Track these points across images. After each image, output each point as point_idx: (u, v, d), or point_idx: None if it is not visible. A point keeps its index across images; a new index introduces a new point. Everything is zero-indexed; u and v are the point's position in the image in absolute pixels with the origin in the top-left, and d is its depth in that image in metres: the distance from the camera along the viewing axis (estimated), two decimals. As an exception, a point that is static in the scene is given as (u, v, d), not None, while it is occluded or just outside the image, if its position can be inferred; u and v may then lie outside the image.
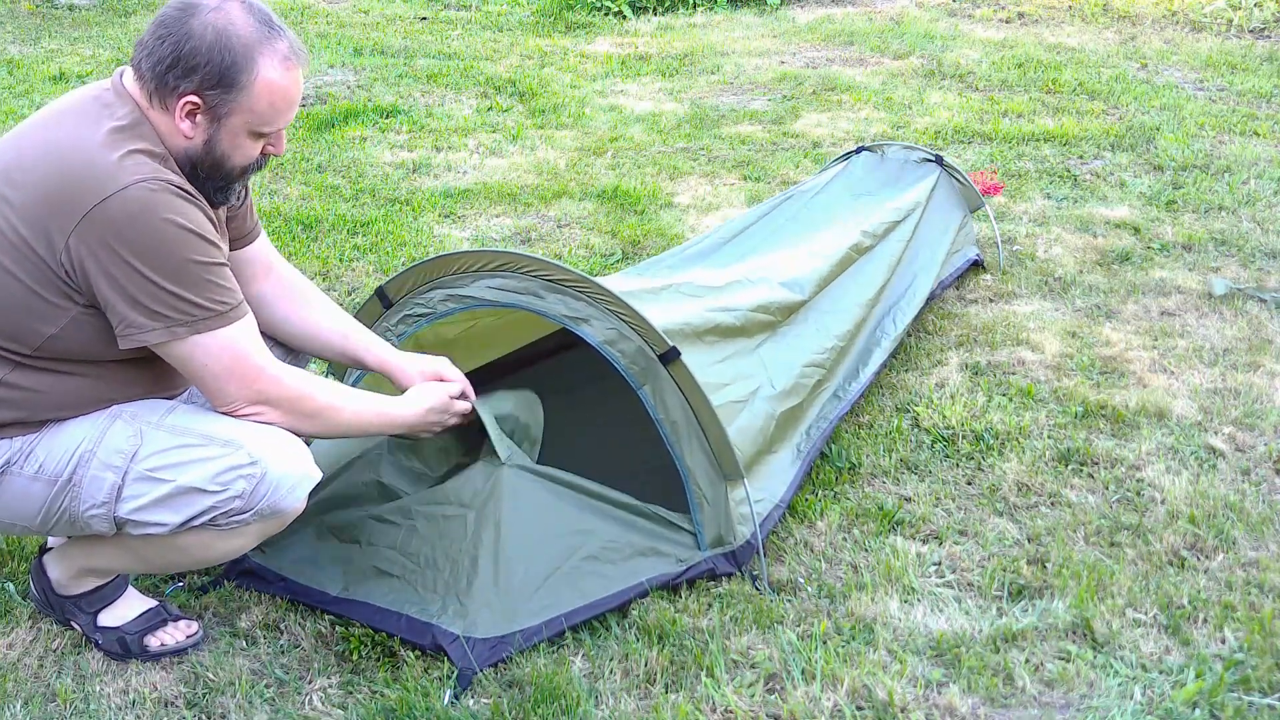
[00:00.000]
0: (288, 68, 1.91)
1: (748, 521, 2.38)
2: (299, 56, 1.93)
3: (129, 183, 1.79)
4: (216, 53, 1.84)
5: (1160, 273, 3.96)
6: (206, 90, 1.86)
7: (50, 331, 1.87)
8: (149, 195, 1.81)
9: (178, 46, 1.84)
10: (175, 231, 1.82)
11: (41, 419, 1.94)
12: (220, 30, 1.84)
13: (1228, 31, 7.89)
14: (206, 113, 1.89)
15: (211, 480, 1.89)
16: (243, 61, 1.86)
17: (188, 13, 1.86)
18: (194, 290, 1.85)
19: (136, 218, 1.79)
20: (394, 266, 3.99)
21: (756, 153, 5.45)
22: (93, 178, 1.79)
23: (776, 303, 2.85)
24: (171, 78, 1.85)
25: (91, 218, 1.78)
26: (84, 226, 1.79)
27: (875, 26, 8.32)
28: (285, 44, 1.91)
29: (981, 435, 2.92)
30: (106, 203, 1.78)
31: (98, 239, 1.79)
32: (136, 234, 1.79)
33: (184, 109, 1.88)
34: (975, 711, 2.03)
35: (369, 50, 7.72)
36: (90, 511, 1.92)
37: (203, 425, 1.96)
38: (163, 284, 1.82)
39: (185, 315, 1.85)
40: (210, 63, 1.84)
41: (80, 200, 1.79)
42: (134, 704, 2.06)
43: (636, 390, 2.32)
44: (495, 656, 2.12)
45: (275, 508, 1.95)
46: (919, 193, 3.71)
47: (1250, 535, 2.51)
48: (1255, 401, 3.09)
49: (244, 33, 1.86)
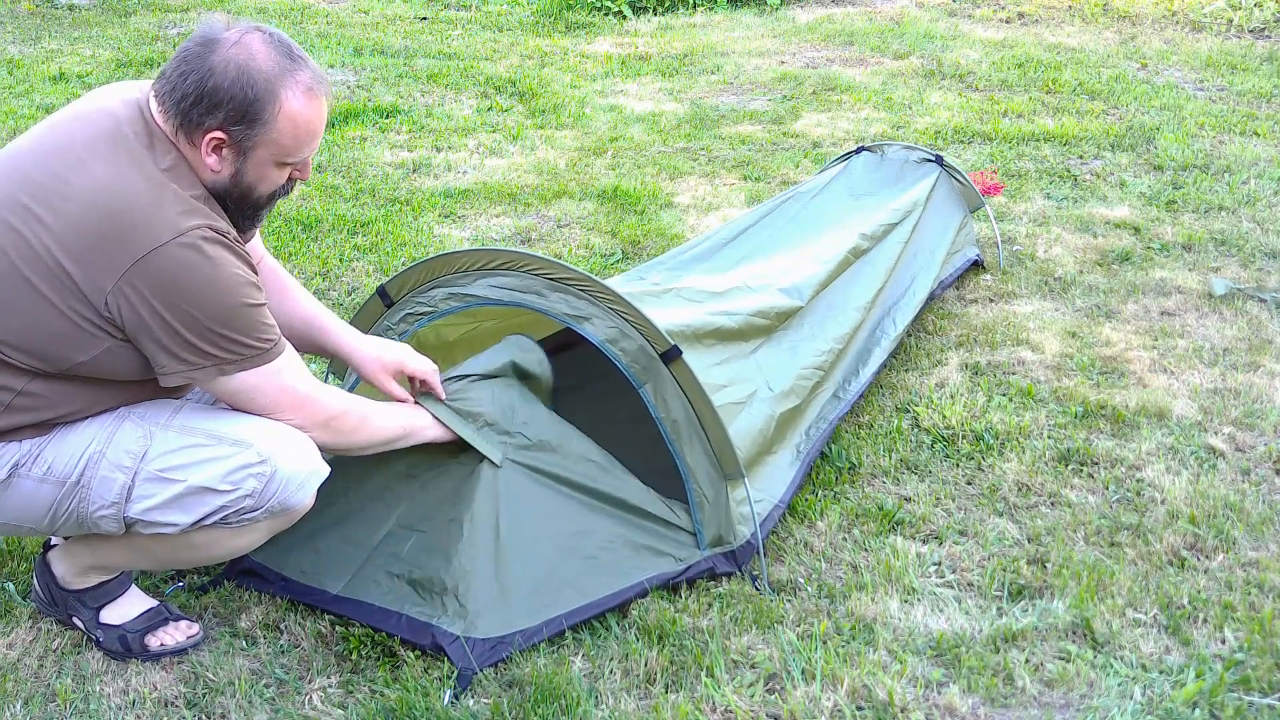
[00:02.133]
0: (310, 99, 1.91)
1: (748, 521, 2.38)
2: (321, 86, 1.94)
3: (184, 229, 1.81)
4: (239, 89, 1.85)
5: (1160, 273, 3.96)
6: (231, 126, 1.87)
7: (80, 359, 1.88)
8: (203, 243, 1.83)
9: (201, 83, 1.85)
10: (229, 277, 1.85)
11: (52, 422, 1.94)
12: (242, 66, 1.85)
13: (1228, 31, 7.89)
14: (232, 147, 1.90)
15: (222, 480, 1.91)
16: (265, 97, 1.87)
17: (209, 48, 1.86)
18: (244, 332, 1.89)
19: (191, 266, 1.82)
20: (394, 266, 3.99)
21: (756, 153, 5.45)
22: (145, 223, 1.80)
23: (775, 308, 2.85)
24: (195, 114, 1.87)
25: (146, 263, 1.79)
26: (136, 271, 1.79)
27: (875, 26, 8.33)
28: (307, 74, 1.91)
29: (981, 435, 2.92)
30: (162, 250, 1.79)
31: (151, 284, 1.80)
32: (191, 281, 1.82)
33: (209, 144, 1.89)
34: (975, 711, 2.03)
35: (369, 50, 7.72)
36: (100, 512, 1.93)
37: (211, 424, 1.97)
38: (215, 328, 1.85)
39: (234, 355, 1.89)
40: (233, 99, 1.85)
41: (133, 245, 1.79)
42: (134, 704, 2.06)
43: (638, 389, 2.32)
44: (495, 657, 2.12)
45: (285, 504, 1.98)
46: (919, 193, 3.71)
47: (1250, 535, 2.51)
48: (1255, 401, 3.09)
49: (266, 67, 1.87)
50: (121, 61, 7.16)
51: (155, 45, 7.68)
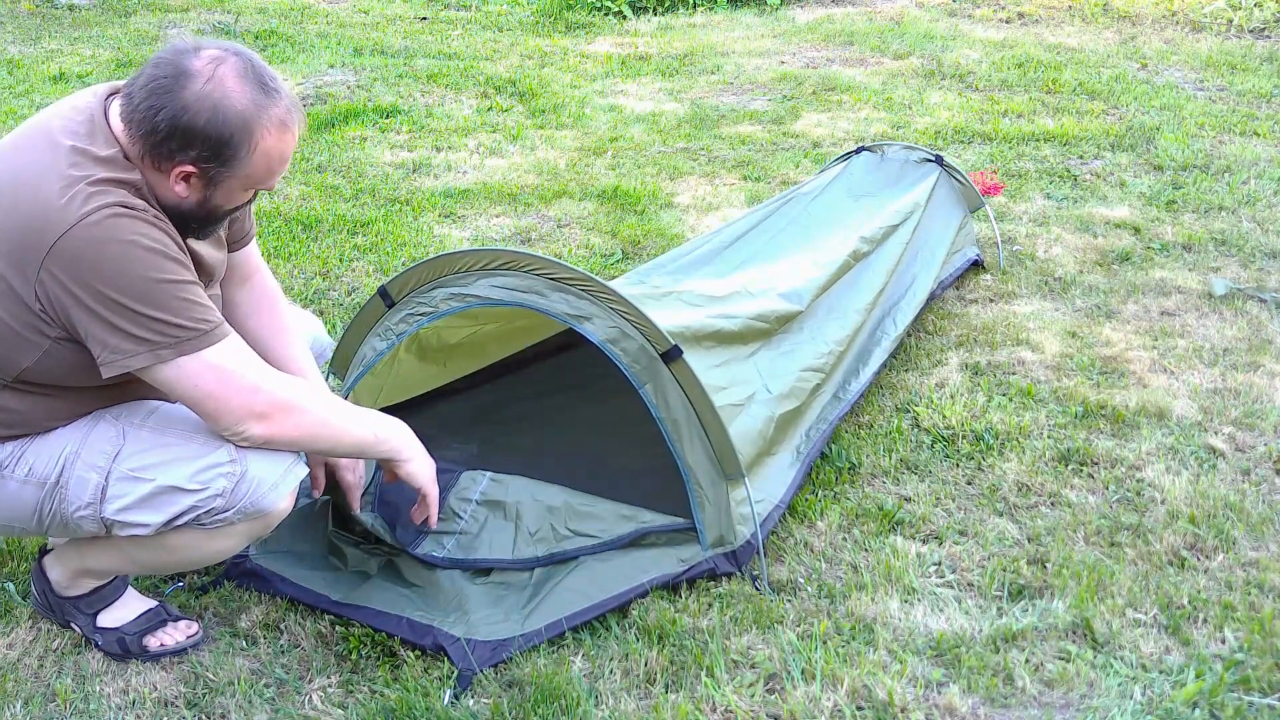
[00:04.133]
0: (283, 133, 1.87)
1: (748, 521, 2.38)
2: (295, 115, 1.89)
3: (88, 210, 1.75)
4: (213, 128, 1.79)
5: (1160, 273, 3.96)
6: (203, 163, 1.83)
7: (26, 364, 1.86)
8: (109, 220, 1.77)
9: (174, 120, 1.79)
10: (140, 254, 1.78)
11: (29, 432, 1.94)
12: (216, 104, 1.79)
13: (1228, 31, 7.89)
14: (201, 178, 1.86)
15: (191, 479, 1.88)
16: (240, 135, 1.82)
17: (180, 82, 1.79)
18: (169, 311, 1.81)
19: (99, 244, 1.75)
20: (394, 266, 3.99)
21: (756, 153, 5.45)
22: (54, 209, 1.76)
23: (775, 312, 2.85)
24: (167, 149, 1.81)
25: (58, 250, 1.75)
26: (51, 260, 1.76)
27: (875, 26, 8.33)
28: (281, 108, 1.86)
29: (981, 435, 2.92)
30: (70, 233, 1.75)
31: (66, 271, 1.76)
32: (101, 260, 1.76)
33: (178, 175, 1.85)
34: (975, 711, 2.03)
35: (369, 50, 7.72)
36: (78, 513, 1.92)
37: (185, 424, 1.95)
38: (136, 308, 1.78)
39: (167, 337, 1.81)
40: (208, 139, 1.80)
41: (45, 233, 1.75)
42: (134, 704, 2.06)
43: (638, 389, 2.32)
44: (496, 658, 2.12)
45: (258, 506, 1.93)
46: (919, 193, 3.70)
47: (1250, 535, 2.51)
48: (1255, 401, 3.09)
49: (240, 105, 1.81)
50: (121, 61, 7.16)
51: (155, 45, 7.68)
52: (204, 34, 7.99)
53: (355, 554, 2.38)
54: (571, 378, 3.06)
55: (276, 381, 1.95)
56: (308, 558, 2.39)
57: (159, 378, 1.85)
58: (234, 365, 1.88)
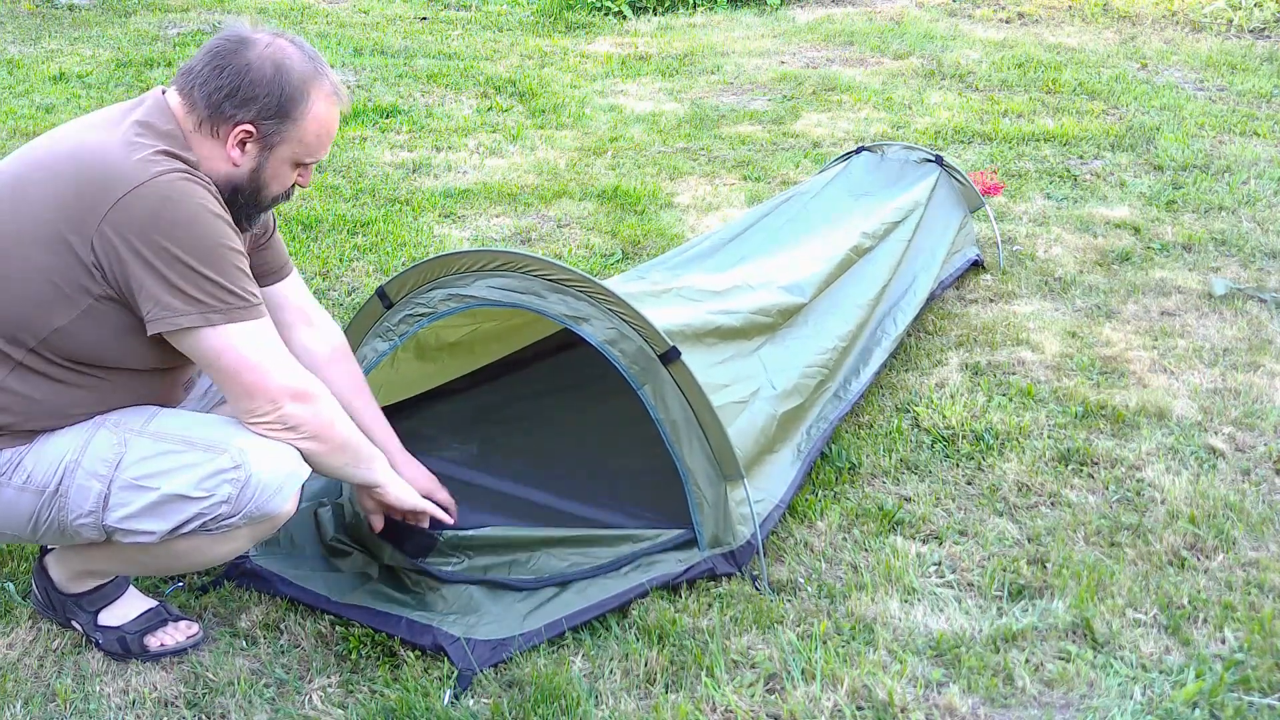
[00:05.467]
0: (333, 104, 2.01)
1: (747, 522, 2.38)
2: (341, 95, 2.03)
3: (160, 171, 1.83)
4: (276, 85, 1.92)
5: (1160, 273, 3.96)
6: (263, 120, 1.93)
7: (59, 323, 1.86)
8: (181, 182, 1.85)
9: (238, 77, 1.90)
10: (209, 217, 1.86)
11: (32, 429, 1.93)
12: (278, 64, 1.92)
13: (1228, 31, 7.89)
14: (258, 141, 1.95)
15: (196, 486, 1.88)
16: (299, 95, 1.94)
17: (244, 45, 1.93)
18: (228, 277, 1.87)
19: (171, 202, 1.82)
20: (394, 266, 3.99)
21: (756, 153, 5.45)
22: (123, 166, 1.82)
23: (777, 306, 2.85)
24: (229, 106, 1.91)
25: (125, 204, 1.80)
26: (116, 213, 1.80)
27: (875, 26, 8.33)
28: (332, 79, 2.01)
29: (981, 435, 2.92)
30: (140, 189, 1.80)
31: (131, 224, 1.80)
32: (171, 217, 1.82)
33: (237, 137, 1.94)
34: (975, 711, 2.03)
35: (369, 50, 7.72)
36: (79, 521, 1.91)
37: (186, 430, 1.95)
38: (198, 268, 1.83)
39: (220, 302, 1.86)
40: (270, 94, 1.92)
41: (112, 188, 1.81)
42: (134, 704, 2.06)
43: (637, 390, 2.32)
44: (495, 658, 2.12)
45: (263, 510, 1.93)
46: (919, 193, 3.71)
47: (1250, 535, 2.51)
48: (1255, 401, 3.09)
49: (299, 67, 1.95)
50: (121, 61, 7.16)
51: (155, 45, 7.68)
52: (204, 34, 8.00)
53: (357, 558, 2.38)
54: (571, 378, 3.06)
55: (303, 369, 1.99)
56: (308, 558, 2.39)
57: (203, 344, 1.87)
58: (276, 345, 1.94)
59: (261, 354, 1.90)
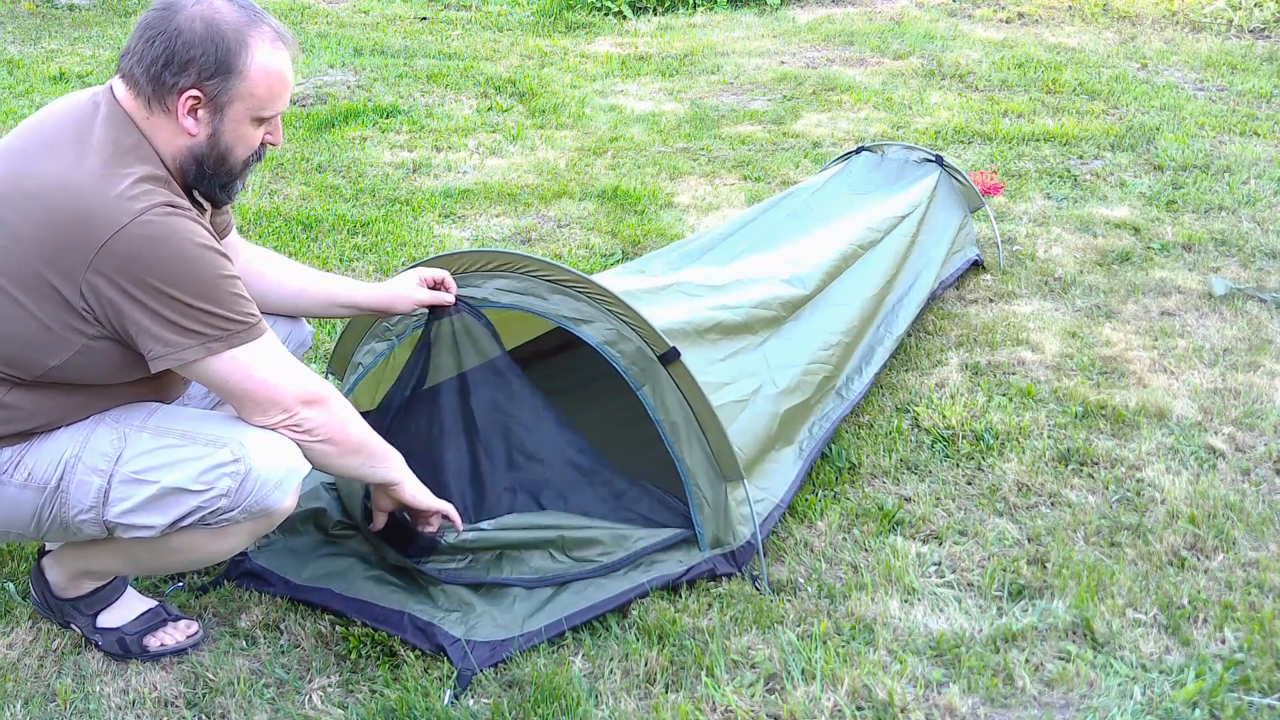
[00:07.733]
0: (277, 48, 1.92)
1: (748, 522, 2.38)
2: (286, 39, 1.95)
3: (141, 209, 1.78)
4: (209, 42, 1.85)
5: (1160, 273, 3.96)
6: (206, 81, 1.86)
7: (53, 363, 1.86)
8: (164, 219, 1.80)
9: (170, 43, 1.84)
10: (196, 250, 1.83)
11: (31, 430, 1.93)
12: (208, 20, 1.85)
13: (1228, 31, 7.89)
14: (208, 105, 1.89)
15: (195, 480, 1.88)
16: (236, 47, 1.86)
17: (171, 10, 1.86)
18: (221, 305, 1.85)
19: (157, 241, 1.79)
20: (394, 266, 3.99)
21: (756, 153, 5.45)
22: (104, 210, 1.78)
23: (780, 298, 2.84)
24: (168, 75, 1.85)
25: (110, 249, 1.77)
26: (102, 258, 1.77)
27: (875, 26, 8.33)
28: (270, 25, 1.93)
29: (981, 435, 2.92)
30: (124, 232, 1.77)
31: (121, 269, 1.78)
32: (159, 256, 1.79)
33: (186, 105, 1.87)
34: (975, 711, 2.03)
35: (369, 50, 7.72)
36: (80, 516, 1.91)
37: (185, 425, 1.95)
38: (193, 302, 1.82)
39: (220, 330, 1.85)
40: (205, 54, 1.85)
41: (95, 231, 1.77)
42: (134, 704, 2.06)
43: (636, 391, 2.32)
44: (495, 658, 2.12)
45: (263, 505, 1.93)
46: (919, 193, 3.71)
47: (1250, 535, 2.51)
48: (1255, 401, 3.09)
49: (231, 19, 1.87)
50: (121, 61, 7.16)
51: (155, 45, 7.67)
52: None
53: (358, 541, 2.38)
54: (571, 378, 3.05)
55: (312, 373, 2.02)
56: (307, 554, 2.39)
57: (208, 370, 1.88)
58: (282, 356, 1.95)
59: (267, 370, 1.91)
